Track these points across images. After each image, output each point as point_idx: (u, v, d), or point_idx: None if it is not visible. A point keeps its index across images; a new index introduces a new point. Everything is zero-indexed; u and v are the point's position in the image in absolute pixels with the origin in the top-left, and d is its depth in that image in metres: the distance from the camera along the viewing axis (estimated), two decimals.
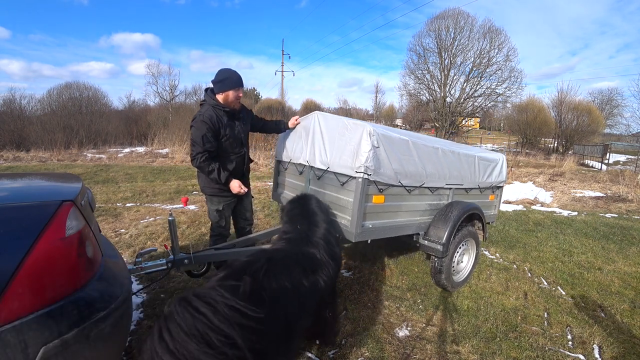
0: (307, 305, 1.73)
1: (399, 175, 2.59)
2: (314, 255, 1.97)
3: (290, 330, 1.54)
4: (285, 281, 1.60)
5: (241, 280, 1.41)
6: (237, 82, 2.59)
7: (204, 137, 2.48)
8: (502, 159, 3.85)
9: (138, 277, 3.02)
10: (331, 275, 1.99)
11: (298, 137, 3.14)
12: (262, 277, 1.51)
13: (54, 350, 1.22)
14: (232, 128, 2.65)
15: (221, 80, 2.56)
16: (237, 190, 2.65)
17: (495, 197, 3.87)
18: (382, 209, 2.59)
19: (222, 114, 2.59)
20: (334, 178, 2.64)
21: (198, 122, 2.51)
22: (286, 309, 1.53)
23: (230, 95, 2.58)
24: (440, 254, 2.81)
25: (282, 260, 1.76)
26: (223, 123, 2.59)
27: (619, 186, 8.79)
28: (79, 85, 18.60)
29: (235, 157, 2.74)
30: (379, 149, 2.40)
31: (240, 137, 2.73)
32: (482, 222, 3.40)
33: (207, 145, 2.50)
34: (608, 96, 32.44)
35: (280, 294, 1.52)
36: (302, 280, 1.72)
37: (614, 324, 2.68)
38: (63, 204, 1.43)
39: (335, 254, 2.13)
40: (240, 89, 2.63)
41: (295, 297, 1.62)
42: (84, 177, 8.28)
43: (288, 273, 1.67)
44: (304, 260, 1.88)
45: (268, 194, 7.06)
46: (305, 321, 1.72)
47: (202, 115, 2.53)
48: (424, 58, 22.82)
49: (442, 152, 3.00)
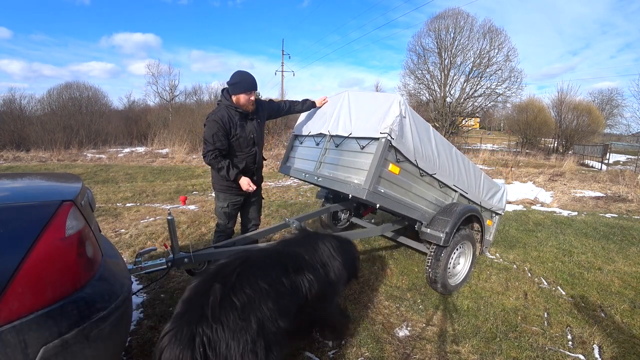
0: (286, 307, 1.57)
1: (417, 154, 2.69)
2: (300, 256, 1.86)
3: (266, 335, 1.40)
4: (260, 282, 1.51)
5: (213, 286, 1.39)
6: (248, 87, 2.67)
7: (215, 136, 2.59)
8: (505, 188, 3.99)
9: (138, 277, 3.02)
10: (322, 280, 1.84)
11: (323, 112, 3.28)
12: (235, 281, 1.46)
13: (54, 350, 1.22)
14: (243, 128, 2.73)
15: (234, 84, 2.65)
16: (246, 187, 2.71)
17: (493, 223, 3.92)
18: (396, 180, 2.66)
19: (234, 114, 2.68)
20: (354, 143, 2.73)
21: (210, 121, 2.63)
22: (260, 312, 1.42)
23: (241, 98, 2.67)
24: (443, 243, 2.82)
25: (261, 260, 1.69)
26: (234, 123, 2.67)
27: (619, 186, 8.78)
28: (79, 85, 18.65)
29: (245, 156, 2.80)
30: (405, 119, 2.54)
31: (251, 137, 2.79)
32: (482, 227, 3.46)
33: (218, 144, 2.61)
34: (608, 96, 32.49)
35: (252, 298, 1.43)
36: (281, 280, 1.62)
37: (614, 324, 2.68)
38: (63, 204, 1.43)
39: (331, 265, 1.99)
40: (252, 93, 2.70)
41: (271, 298, 1.50)
42: (84, 177, 8.28)
43: (264, 273, 1.58)
44: (288, 259, 1.78)
45: (268, 193, 7.07)
46: (285, 324, 1.52)
47: (215, 114, 2.66)
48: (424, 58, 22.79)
49: (456, 152, 3.17)
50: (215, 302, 1.33)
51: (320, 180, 2.98)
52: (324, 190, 4.13)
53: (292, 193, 7.27)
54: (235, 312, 1.34)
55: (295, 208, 5.89)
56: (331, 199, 4.15)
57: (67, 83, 18.66)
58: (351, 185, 2.59)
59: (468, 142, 24.23)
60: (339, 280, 2.02)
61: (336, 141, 2.94)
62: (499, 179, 9.94)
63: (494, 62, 21.06)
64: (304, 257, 1.86)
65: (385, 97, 2.66)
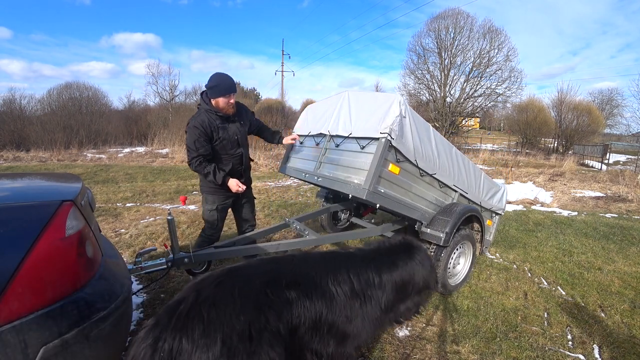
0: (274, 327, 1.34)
1: (417, 154, 2.69)
2: (309, 275, 1.57)
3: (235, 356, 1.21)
4: (236, 295, 1.33)
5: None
6: (226, 90, 2.58)
7: (197, 142, 2.56)
8: (505, 188, 3.99)
9: (138, 277, 3.02)
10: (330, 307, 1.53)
11: (323, 111, 3.26)
12: (212, 291, 1.32)
13: (54, 350, 1.22)
14: (225, 130, 2.67)
15: (212, 87, 2.58)
16: (235, 188, 2.68)
17: (493, 224, 3.93)
18: (396, 180, 2.66)
19: (214, 117, 2.62)
20: (354, 143, 2.73)
21: (191, 127, 2.58)
22: (229, 329, 1.23)
23: (220, 102, 2.60)
24: (443, 243, 2.82)
25: (254, 270, 1.50)
26: (216, 126, 2.61)
27: (619, 186, 8.78)
28: (79, 85, 18.63)
29: (231, 158, 2.77)
30: (405, 119, 2.54)
31: (235, 139, 2.74)
32: (482, 227, 3.46)
33: (201, 150, 2.57)
34: (608, 96, 32.47)
35: (222, 312, 1.26)
36: (266, 293, 1.39)
37: (614, 324, 2.68)
38: (63, 204, 1.43)
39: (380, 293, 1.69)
40: (231, 95, 2.61)
41: (246, 314, 1.29)
42: (84, 177, 8.28)
43: (247, 285, 1.38)
44: (285, 273, 1.54)
45: (268, 194, 7.07)
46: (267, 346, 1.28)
47: (194, 120, 2.59)
48: (424, 58, 22.80)
49: (456, 152, 3.17)
50: (182, 311, 1.25)
51: (320, 180, 2.98)
52: (324, 190, 4.13)
53: (292, 193, 7.27)
54: (201, 326, 1.21)
55: (295, 208, 5.89)
56: (331, 199, 4.15)
57: (67, 83, 18.65)
58: (351, 185, 2.59)
59: (468, 142, 24.24)
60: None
61: (336, 141, 2.94)
62: (499, 179, 9.94)
63: (494, 62, 21.08)
64: (313, 277, 1.59)
65: (385, 97, 2.66)
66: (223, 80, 2.58)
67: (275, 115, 20.88)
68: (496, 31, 20.89)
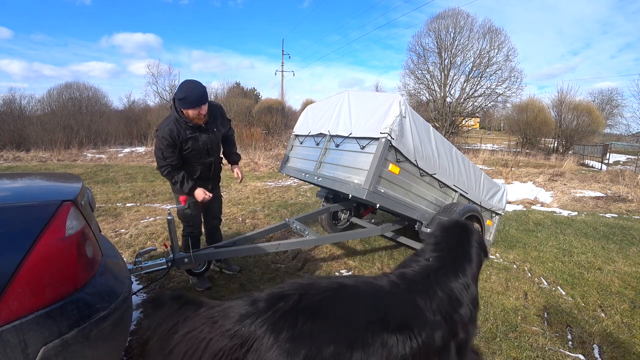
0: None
1: (417, 154, 2.70)
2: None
3: None
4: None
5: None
6: (195, 102, 2.46)
7: (164, 152, 2.54)
8: (505, 188, 4.02)
9: (138, 276, 3.02)
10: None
11: (323, 111, 3.28)
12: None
13: (54, 350, 1.22)
14: (195, 140, 2.63)
15: (180, 99, 2.47)
16: (201, 197, 2.68)
17: (493, 223, 3.94)
18: (396, 180, 2.67)
19: (184, 127, 2.56)
20: (354, 143, 2.73)
21: (159, 137, 2.55)
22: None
23: (190, 113, 2.51)
24: None
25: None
26: (185, 137, 2.57)
27: (619, 186, 8.78)
28: (79, 85, 18.65)
29: (200, 167, 2.76)
30: (405, 119, 2.55)
31: (205, 148, 2.71)
32: (482, 227, 3.46)
33: (169, 160, 2.57)
34: (608, 96, 32.47)
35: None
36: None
37: (614, 324, 2.68)
38: (63, 204, 1.43)
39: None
40: (202, 107, 2.51)
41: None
42: (84, 177, 8.28)
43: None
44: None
45: (268, 194, 7.07)
46: None
47: (162, 130, 2.54)
48: (424, 58, 22.82)
49: (456, 152, 3.19)
50: (280, 308, 1.18)
51: (320, 180, 2.98)
52: (324, 190, 4.14)
53: (292, 193, 7.27)
54: (290, 332, 1.13)
55: (295, 208, 5.89)
56: (331, 199, 4.15)
57: (67, 83, 18.67)
58: (351, 185, 2.59)
59: (468, 142, 24.24)
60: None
61: (336, 141, 2.94)
62: (499, 179, 9.93)
63: (494, 62, 21.10)
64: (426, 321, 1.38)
65: (386, 97, 2.67)
66: (192, 91, 2.45)
67: (275, 115, 20.87)
68: (496, 31, 20.93)
